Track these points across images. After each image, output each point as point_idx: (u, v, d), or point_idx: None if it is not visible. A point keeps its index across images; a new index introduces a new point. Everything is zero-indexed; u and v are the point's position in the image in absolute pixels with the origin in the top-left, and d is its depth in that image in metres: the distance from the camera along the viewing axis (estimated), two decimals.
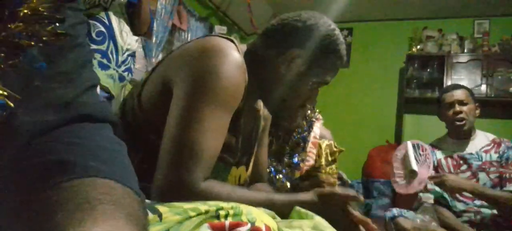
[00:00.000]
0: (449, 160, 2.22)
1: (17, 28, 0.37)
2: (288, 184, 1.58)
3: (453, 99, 2.21)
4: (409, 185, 2.12)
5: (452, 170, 2.20)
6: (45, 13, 0.39)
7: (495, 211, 2.05)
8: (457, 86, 2.32)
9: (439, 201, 2.11)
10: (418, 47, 4.92)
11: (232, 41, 0.93)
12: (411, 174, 2.12)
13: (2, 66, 0.37)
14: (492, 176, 2.11)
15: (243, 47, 0.99)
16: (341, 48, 1.00)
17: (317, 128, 1.72)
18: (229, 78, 0.83)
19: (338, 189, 0.97)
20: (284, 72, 0.96)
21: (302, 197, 0.88)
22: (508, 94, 4.24)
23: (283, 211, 0.84)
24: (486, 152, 2.17)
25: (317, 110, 1.78)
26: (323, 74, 0.99)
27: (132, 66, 2.42)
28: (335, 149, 1.71)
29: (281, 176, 1.60)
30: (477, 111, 2.24)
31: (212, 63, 0.82)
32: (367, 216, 3.54)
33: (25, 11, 0.37)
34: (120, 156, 0.48)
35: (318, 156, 1.65)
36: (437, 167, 2.24)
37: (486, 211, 2.06)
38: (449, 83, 4.59)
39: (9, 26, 0.37)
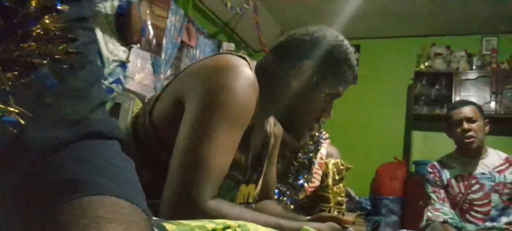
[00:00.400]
0: (460, 179, 2.13)
1: (29, 47, 0.38)
2: (292, 206, 1.57)
3: (461, 117, 2.12)
4: None
5: (463, 190, 2.11)
6: (57, 33, 0.39)
7: (508, 230, 2.01)
8: (465, 103, 2.22)
9: (447, 221, 2.06)
10: (426, 64, 4.91)
11: (244, 58, 0.93)
12: None
13: (14, 84, 0.38)
14: (504, 197, 2.04)
15: (253, 63, 1.00)
16: (351, 58, 1.01)
17: (324, 149, 1.70)
18: (242, 95, 0.83)
19: (352, 230, 0.96)
20: (296, 85, 0.96)
21: (314, 226, 0.87)
22: None
23: None
24: (499, 172, 2.09)
25: (324, 131, 1.76)
26: (335, 85, 0.99)
27: (122, 77, 2.43)
28: (342, 167, 1.68)
29: (285, 198, 1.58)
30: (487, 128, 2.15)
31: (224, 80, 0.82)
32: None
33: (38, 30, 0.38)
34: (128, 173, 0.48)
35: (325, 175, 1.63)
36: (447, 186, 2.16)
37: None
38: (458, 99, 4.57)
39: (22, 45, 0.38)
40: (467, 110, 2.13)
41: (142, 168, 0.89)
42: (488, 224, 2.04)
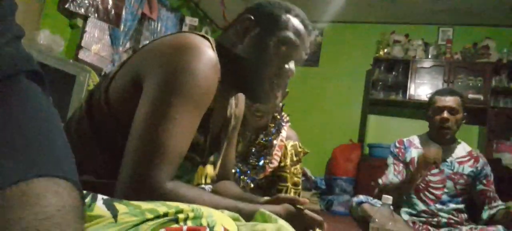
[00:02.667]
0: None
1: None
2: (252, 185, 1.60)
3: (444, 105, 2.14)
4: None
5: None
6: None
7: (452, 215, 2.14)
8: (452, 92, 2.21)
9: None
10: (385, 50, 5.05)
11: (207, 39, 0.91)
12: None
13: None
14: (458, 187, 2.16)
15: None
16: (298, 11, 1.03)
17: (284, 131, 1.73)
18: (203, 77, 0.81)
19: (307, 212, 0.98)
20: (244, 44, 0.98)
21: (269, 209, 0.88)
22: (468, 100, 4.42)
23: (249, 220, 0.84)
24: (460, 163, 2.18)
25: (285, 113, 1.79)
26: (282, 31, 0.99)
27: None
28: (299, 150, 1.73)
29: (245, 177, 1.61)
30: (464, 121, 2.19)
31: (186, 61, 0.80)
32: (328, 211, 3.63)
33: None
34: (47, 130, 0.44)
35: (284, 156, 1.67)
36: (408, 163, 2.23)
37: (444, 215, 2.14)
38: (412, 87, 4.76)
39: None
40: (451, 101, 2.14)
41: (96, 147, 0.86)
42: (438, 206, 2.16)
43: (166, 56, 0.81)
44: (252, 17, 0.98)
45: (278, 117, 1.72)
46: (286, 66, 1.00)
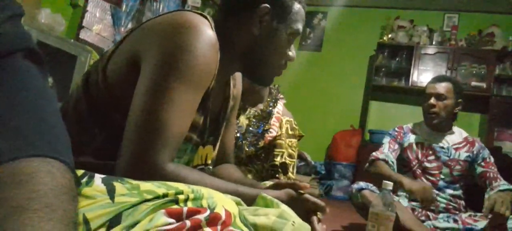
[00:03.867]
0: (420, 146, 2.27)
1: None
2: (253, 150, 1.72)
3: (431, 92, 2.21)
4: None
5: (419, 157, 2.25)
6: None
7: (449, 202, 2.16)
8: (443, 79, 2.28)
9: (387, 161, 2.20)
10: (389, 36, 5.00)
11: (206, 17, 0.89)
12: None
13: None
14: (455, 173, 2.19)
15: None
16: None
17: (281, 105, 1.84)
18: (203, 56, 0.80)
19: (309, 196, 0.98)
20: (258, 32, 0.96)
21: (271, 194, 0.88)
22: (471, 88, 4.41)
23: (250, 204, 0.84)
24: (456, 149, 2.22)
25: (279, 89, 1.92)
26: (295, 22, 1.00)
27: None
28: (295, 126, 1.83)
29: (247, 142, 1.72)
30: (459, 107, 2.23)
31: (185, 40, 0.78)
32: (327, 196, 3.67)
33: None
34: (43, 111, 0.43)
35: (280, 127, 1.78)
36: (406, 148, 2.28)
37: (442, 200, 2.16)
38: (416, 73, 4.72)
39: None
40: (440, 87, 2.20)
41: (94, 128, 0.85)
42: (435, 191, 2.18)
43: (165, 35, 0.80)
44: (269, 6, 0.96)
45: (274, 91, 1.86)
46: (290, 53, 1.03)
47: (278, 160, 1.73)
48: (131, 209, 0.53)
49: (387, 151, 2.25)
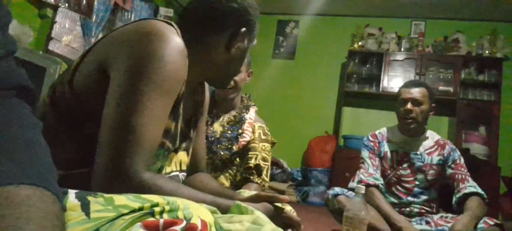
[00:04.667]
0: (394, 154, 2.27)
1: None
2: (228, 155, 1.75)
3: (408, 97, 2.18)
4: None
5: (395, 165, 2.25)
6: None
7: (423, 206, 2.20)
8: (417, 84, 2.26)
9: (378, 186, 2.16)
10: (360, 43, 5.12)
11: (172, 25, 0.90)
12: None
13: None
14: (429, 177, 2.21)
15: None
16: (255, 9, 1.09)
17: (253, 112, 1.89)
18: (172, 63, 0.81)
19: (286, 212, 1.02)
20: (234, 52, 1.02)
21: (247, 204, 0.89)
22: (438, 92, 4.55)
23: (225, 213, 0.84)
24: (429, 154, 2.23)
25: (251, 97, 1.97)
26: (255, 37, 1.10)
27: None
28: (267, 132, 1.88)
29: (221, 146, 1.76)
30: (432, 112, 2.23)
31: (153, 47, 0.79)
32: (304, 202, 3.70)
33: None
34: (32, 141, 0.44)
35: (253, 132, 1.83)
36: (382, 158, 2.28)
37: (416, 206, 2.20)
38: (386, 79, 4.85)
39: None
40: (416, 92, 2.19)
41: (65, 140, 0.83)
42: (410, 199, 2.21)
43: (133, 44, 0.80)
44: (246, 29, 1.03)
45: (246, 99, 1.90)
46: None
47: (252, 162, 1.75)
48: (108, 224, 0.53)
49: (373, 171, 2.21)
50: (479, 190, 2.08)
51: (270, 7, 5.42)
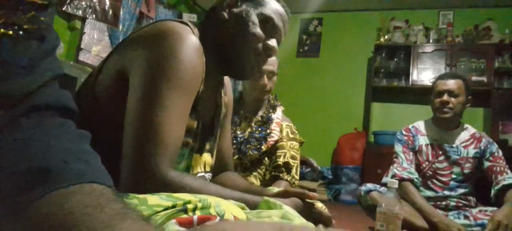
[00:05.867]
0: (429, 148, 2.23)
1: None
2: (257, 155, 1.76)
3: (444, 88, 2.14)
4: None
5: (430, 158, 2.21)
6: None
7: (460, 199, 2.14)
8: (453, 76, 2.23)
9: (413, 180, 2.13)
10: (386, 37, 5.02)
11: (187, 24, 0.91)
12: None
13: None
14: (466, 171, 2.16)
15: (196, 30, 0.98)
16: None
17: (280, 112, 1.89)
18: (189, 61, 0.81)
19: (316, 208, 1.00)
20: (228, 17, 0.98)
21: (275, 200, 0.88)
22: (472, 83, 4.40)
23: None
24: (465, 147, 2.19)
25: (277, 97, 1.97)
26: (265, 9, 1.01)
27: None
28: (295, 131, 1.88)
29: (251, 146, 1.76)
30: (468, 104, 2.20)
31: (169, 47, 0.80)
32: (336, 201, 3.67)
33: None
34: (91, 153, 0.46)
35: (281, 131, 1.83)
36: (417, 152, 2.24)
37: (453, 199, 2.14)
38: (415, 72, 4.73)
39: None
40: (452, 84, 2.16)
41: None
42: (446, 192, 2.16)
43: (149, 45, 0.81)
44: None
45: (272, 99, 1.90)
46: (269, 42, 1.00)
47: (281, 160, 1.76)
48: None
49: (407, 166, 2.18)
50: None
51: (292, 6, 5.41)
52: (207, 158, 1.06)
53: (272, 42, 1.01)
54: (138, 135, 0.75)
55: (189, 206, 0.56)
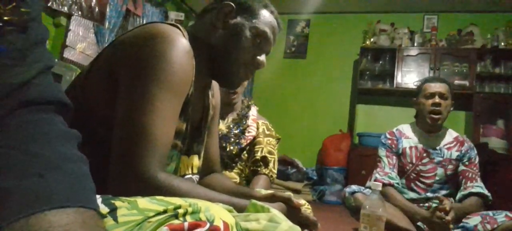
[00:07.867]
0: (413, 150, 2.26)
1: None
2: (237, 149, 1.84)
3: (435, 91, 2.18)
4: None
5: (414, 160, 2.24)
6: None
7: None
8: (440, 80, 2.28)
9: (393, 185, 2.18)
10: (372, 40, 5.08)
11: (177, 27, 0.91)
12: None
13: None
14: (448, 172, 2.21)
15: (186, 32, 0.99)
16: (272, 8, 1.05)
17: (254, 110, 1.98)
18: (179, 64, 0.81)
19: (303, 212, 1.01)
20: (222, 26, 0.98)
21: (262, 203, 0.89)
22: (454, 87, 4.47)
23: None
24: (448, 149, 2.23)
25: (251, 99, 2.06)
26: (260, 24, 1.01)
27: None
28: (271, 128, 1.97)
29: (230, 143, 1.84)
30: (452, 108, 2.24)
31: (160, 49, 0.79)
32: (320, 201, 3.71)
33: None
34: (75, 159, 0.44)
35: (257, 128, 1.92)
36: (400, 155, 2.27)
37: (435, 201, 2.18)
38: (399, 75, 4.80)
39: None
40: (441, 87, 2.20)
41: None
42: (429, 194, 2.20)
43: (139, 47, 0.81)
44: (233, 5, 0.98)
45: (246, 101, 1.99)
46: (259, 57, 1.02)
47: (258, 154, 1.84)
48: (136, 228, 0.54)
49: (388, 170, 2.21)
50: (485, 191, 2.10)
51: (280, 7, 5.43)
52: (194, 160, 1.06)
53: (262, 57, 1.03)
54: (127, 136, 0.75)
55: (180, 211, 0.57)
